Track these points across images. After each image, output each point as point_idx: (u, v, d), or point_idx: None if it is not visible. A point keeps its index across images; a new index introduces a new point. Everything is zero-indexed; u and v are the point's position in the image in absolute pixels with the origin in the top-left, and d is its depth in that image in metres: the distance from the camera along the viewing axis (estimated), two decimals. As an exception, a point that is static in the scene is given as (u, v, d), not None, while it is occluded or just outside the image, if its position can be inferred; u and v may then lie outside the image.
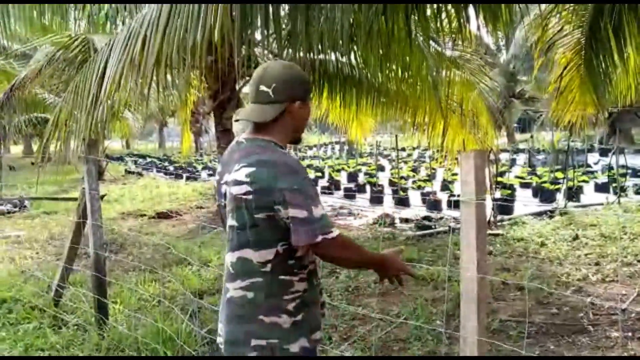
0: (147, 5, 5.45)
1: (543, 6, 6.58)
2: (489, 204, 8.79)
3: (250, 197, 1.94)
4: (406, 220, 9.94)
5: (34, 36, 8.87)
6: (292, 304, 2.05)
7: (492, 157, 9.58)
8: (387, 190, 12.96)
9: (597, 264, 6.59)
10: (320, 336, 2.15)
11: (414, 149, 25.99)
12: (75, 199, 11.79)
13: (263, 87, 2.04)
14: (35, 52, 13.16)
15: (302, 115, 2.12)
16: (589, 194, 12.23)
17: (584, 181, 13.26)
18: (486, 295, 2.22)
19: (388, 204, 11.94)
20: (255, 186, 1.93)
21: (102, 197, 4.65)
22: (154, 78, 4.87)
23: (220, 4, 3.98)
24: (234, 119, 2.01)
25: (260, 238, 1.99)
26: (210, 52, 4.55)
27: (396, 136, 15.93)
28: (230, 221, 2.04)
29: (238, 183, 1.96)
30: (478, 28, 4.71)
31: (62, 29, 8.05)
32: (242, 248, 2.03)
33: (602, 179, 13.50)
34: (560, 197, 11.26)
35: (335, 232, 1.97)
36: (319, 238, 1.93)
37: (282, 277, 2.03)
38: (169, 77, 5.92)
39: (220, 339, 2.16)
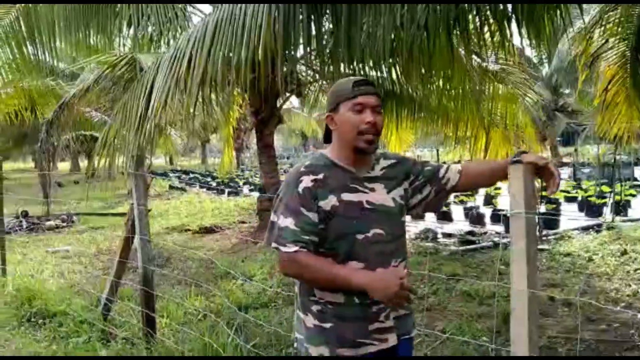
0: (192, 25, 5.60)
1: (587, 19, 6.50)
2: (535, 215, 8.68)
3: None
4: (449, 235, 9.84)
5: (80, 56, 9.15)
6: (315, 306, 2.14)
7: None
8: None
9: (647, 279, 6.43)
10: (352, 354, 2.12)
11: (455, 163, 25.74)
12: (121, 214, 12.08)
13: None
14: (82, 72, 13.57)
15: (341, 122, 2.13)
16: (637, 208, 11.92)
17: (631, 195, 12.93)
18: (536, 312, 2.18)
19: (430, 219, 11.84)
20: None
21: (148, 211, 4.75)
22: (199, 96, 4.98)
23: (263, 24, 4.06)
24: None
25: None
26: (253, 69, 4.62)
27: (437, 150, 15.84)
28: None
29: None
30: (521, 42, 4.68)
31: (108, 49, 8.27)
32: None
33: (651, 192, 13.17)
34: (607, 211, 11.01)
35: (288, 249, 2.03)
36: (272, 245, 2.07)
37: None
38: (213, 95, 6.05)
39: None
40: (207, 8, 8.16)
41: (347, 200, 2.10)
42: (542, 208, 10.08)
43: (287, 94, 10.44)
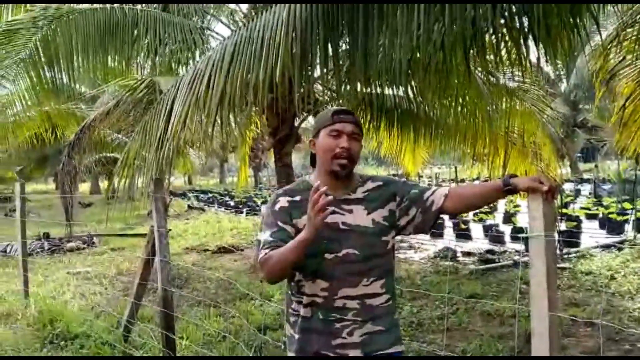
0: (211, 48, 5.67)
1: (604, 35, 6.47)
2: (555, 236, 8.60)
3: None
4: (468, 254, 9.78)
5: (99, 80, 9.30)
6: (292, 317, 2.34)
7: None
8: (448, 223, 12.79)
9: (671, 298, 6.32)
10: None
11: (473, 180, 25.62)
12: (141, 235, 12.15)
13: None
14: (102, 95, 13.77)
15: (319, 147, 2.29)
16: (659, 225, 11.75)
17: (653, 211, 12.75)
18: (558, 333, 2.17)
19: (449, 237, 11.77)
20: None
21: (168, 232, 4.78)
22: (218, 117, 5.02)
23: (281, 45, 4.10)
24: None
25: None
26: (270, 89, 4.66)
27: (455, 167, 15.78)
28: None
29: None
30: (538, 59, 4.67)
31: (126, 74, 8.39)
32: None
33: (674, 208, 12.96)
34: (629, 228, 10.86)
35: (261, 255, 2.15)
36: (259, 257, 2.17)
37: (289, 292, 2.35)
38: (231, 115, 6.10)
39: None
40: (225, 31, 8.27)
41: None
42: (563, 226, 9.98)
43: (305, 114, 10.50)
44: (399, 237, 2.60)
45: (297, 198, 2.27)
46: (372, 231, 2.27)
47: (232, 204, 23.15)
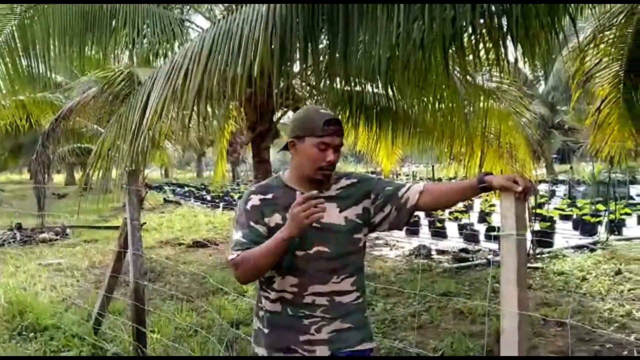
0: (190, 40, 5.62)
1: (581, 37, 6.54)
2: (528, 236, 8.68)
3: None
4: (443, 252, 9.84)
5: (76, 70, 9.16)
6: (260, 312, 2.35)
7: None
8: (424, 222, 12.86)
9: (641, 299, 6.42)
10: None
11: (450, 179, 25.75)
12: (115, 227, 12.03)
13: None
14: (79, 85, 13.59)
15: (303, 154, 2.22)
16: (631, 228, 11.96)
17: (626, 214, 12.94)
18: (527, 333, 2.18)
19: (424, 235, 11.84)
20: None
21: (142, 225, 4.73)
22: (195, 109, 4.97)
23: (260, 40, 4.07)
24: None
25: None
26: (249, 84, 4.62)
27: (432, 166, 15.87)
28: None
29: None
30: (516, 60, 4.69)
31: (104, 63, 8.28)
32: None
33: (646, 211, 13.19)
34: (601, 230, 11.01)
35: (232, 256, 2.15)
36: (229, 257, 2.17)
37: (259, 286, 2.35)
38: (209, 108, 6.05)
39: None
40: (205, 24, 8.21)
41: None
42: (537, 226, 10.09)
43: (284, 109, 10.45)
44: (374, 235, 2.61)
45: (269, 196, 2.26)
46: (345, 229, 2.26)
47: (208, 198, 23.03)
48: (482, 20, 4.19)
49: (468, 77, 6.66)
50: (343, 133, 2.29)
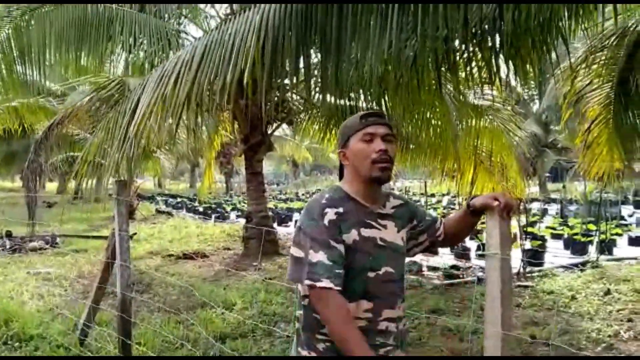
0: (183, 48, 5.61)
1: (573, 58, 6.59)
2: (518, 255, 8.67)
3: None
4: (434, 269, 9.82)
5: (71, 76, 9.15)
6: (321, 344, 2.03)
7: (522, 207, 9.47)
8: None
9: (629, 320, 6.40)
10: None
11: (443, 195, 25.79)
12: (104, 237, 11.95)
13: None
14: (72, 92, 13.60)
15: (353, 155, 2.10)
16: (622, 248, 11.96)
17: (617, 234, 12.96)
18: (510, 352, 2.17)
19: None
20: None
21: (131, 236, 4.71)
22: (183, 117, 4.94)
23: (251, 52, 4.06)
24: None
25: None
26: (241, 96, 4.62)
27: (425, 182, 15.89)
28: None
29: None
30: (507, 77, 4.71)
31: (99, 71, 8.30)
32: None
33: (637, 232, 13.20)
34: (592, 249, 11.02)
35: (322, 284, 1.91)
36: (306, 282, 1.94)
37: (315, 314, 2.01)
38: (198, 117, 6.02)
39: None
40: (200, 35, 8.23)
41: (365, 236, 2.05)
42: (528, 244, 10.09)
43: (278, 122, 10.49)
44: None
45: (341, 209, 2.04)
46: (402, 250, 2.18)
47: (200, 209, 22.96)
48: (474, 40, 4.22)
49: (460, 95, 6.71)
50: (388, 124, 2.13)
